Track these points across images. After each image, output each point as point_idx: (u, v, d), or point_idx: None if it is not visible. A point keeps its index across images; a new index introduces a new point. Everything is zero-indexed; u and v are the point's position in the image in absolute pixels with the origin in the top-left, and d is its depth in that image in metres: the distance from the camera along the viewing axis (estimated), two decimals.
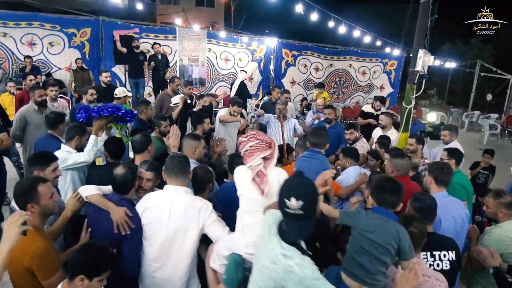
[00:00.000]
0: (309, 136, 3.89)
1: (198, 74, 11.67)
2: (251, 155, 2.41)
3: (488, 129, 12.55)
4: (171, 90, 6.59)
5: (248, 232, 2.44)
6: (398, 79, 14.56)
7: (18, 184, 2.44)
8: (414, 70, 5.44)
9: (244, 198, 2.49)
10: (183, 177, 2.78)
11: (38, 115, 5.06)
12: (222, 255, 2.57)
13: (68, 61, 10.14)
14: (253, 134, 2.52)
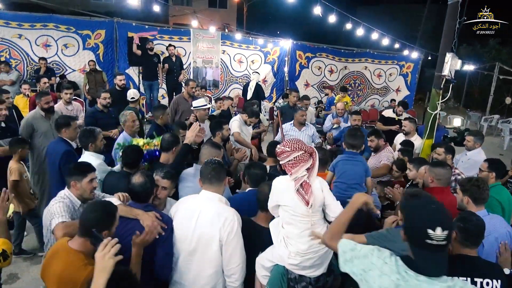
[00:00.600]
0: (346, 137, 3.82)
1: (212, 76, 11.53)
2: (295, 166, 2.40)
3: (509, 134, 12.19)
4: (186, 93, 6.45)
5: (291, 243, 2.43)
6: (414, 82, 14.27)
7: (97, 208, 2.24)
8: (440, 74, 5.22)
9: (286, 209, 2.45)
10: (218, 184, 2.70)
11: (45, 122, 4.87)
12: (265, 267, 2.57)
13: (82, 62, 10.08)
14: (295, 144, 2.46)
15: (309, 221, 2.41)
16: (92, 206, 2.28)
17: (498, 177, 3.85)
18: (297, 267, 2.45)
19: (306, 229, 2.42)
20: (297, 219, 2.43)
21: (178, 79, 9.79)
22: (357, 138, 3.79)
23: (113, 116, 5.47)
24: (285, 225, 2.49)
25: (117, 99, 6.24)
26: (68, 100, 5.72)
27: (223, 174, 2.75)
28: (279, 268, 2.48)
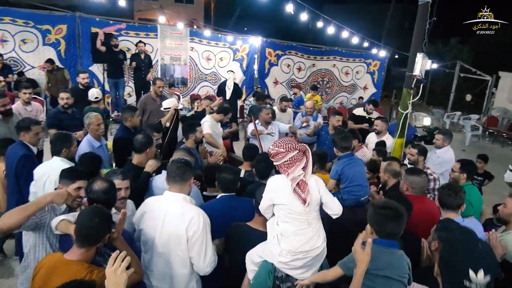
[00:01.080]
0: (338, 141, 3.79)
1: (181, 73, 11.25)
2: (291, 166, 2.40)
3: (470, 130, 12.65)
4: (154, 92, 6.21)
5: (285, 240, 2.41)
6: (381, 80, 14.53)
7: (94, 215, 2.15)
8: (411, 74, 5.27)
9: (282, 207, 2.43)
10: (182, 183, 2.66)
11: (2, 126, 4.56)
12: (254, 262, 2.57)
13: (42, 59, 9.53)
14: (289, 144, 2.44)
15: (306, 219, 2.39)
16: (88, 214, 2.17)
17: (469, 178, 3.92)
18: (286, 266, 2.43)
19: (302, 227, 2.40)
20: (293, 217, 2.41)
21: (146, 78, 9.49)
22: (349, 139, 3.80)
23: (77, 117, 5.18)
24: (281, 222, 2.47)
25: (80, 98, 5.94)
26: (27, 100, 5.37)
27: (189, 174, 2.70)
28: (267, 265, 2.47)
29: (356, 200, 3.68)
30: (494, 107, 15.37)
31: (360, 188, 3.68)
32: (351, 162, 3.74)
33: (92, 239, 2.13)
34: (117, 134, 4.59)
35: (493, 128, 13.23)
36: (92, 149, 4.19)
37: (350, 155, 3.81)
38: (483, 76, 15.79)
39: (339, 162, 3.82)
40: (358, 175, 3.70)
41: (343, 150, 3.79)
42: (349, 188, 3.69)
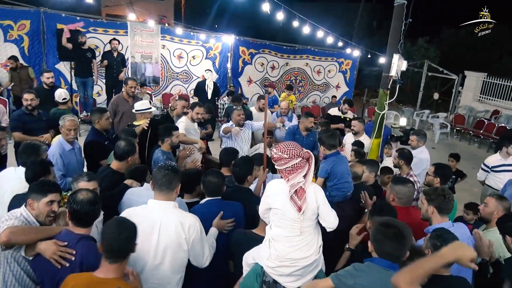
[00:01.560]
0: (326, 139, 3.75)
1: (152, 72, 10.95)
2: (292, 173, 2.34)
3: (439, 128, 12.98)
4: (125, 93, 5.95)
5: (275, 245, 2.38)
6: (353, 79, 14.70)
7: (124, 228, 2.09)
8: (388, 75, 5.30)
9: (276, 211, 2.40)
10: (169, 191, 2.56)
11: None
12: (248, 263, 2.56)
13: (4, 57, 9.03)
14: (293, 150, 2.36)
15: (298, 228, 2.34)
16: (117, 227, 2.07)
17: (443, 182, 3.93)
18: (273, 271, 2.38)
19: (294, 234, 2.36)
20: (286, 223, 2.37)
21: (119, 77, 9.16)
22: (336, 137, 3.80)
23: (44, 119, 4.89)
24: (274, 227, 2.44)
25: (46, 98, 5.63)
26: None
27: (176, 181, 2.59)
28: (256, 267, 2.45)
29: (344, 196, 3.71)
30: (461, 105, 15.85)
31: (347, 185, 3.71)
32: (338, 160, 3.74)
33: (123, 253, 2.06)
34: (88, 137, 4.35)
35: (460, 126, 13.62)
36: (63, 152, 3.99)
37: (337, 153, 3.80)
38: (449, 75, 16.24)
39: (327, 160, 3.80)
40: (346, 172, 3.72)
41: (330, 148, 3.77)
42: (338, 185, 3.70)
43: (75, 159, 4.09)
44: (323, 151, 3.89)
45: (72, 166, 4.03)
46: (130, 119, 5.66)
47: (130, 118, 5.68)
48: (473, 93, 15.62)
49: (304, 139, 5.66)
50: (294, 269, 2.35)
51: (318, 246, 2.44)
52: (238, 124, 5.44)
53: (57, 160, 3.91)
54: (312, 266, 2.40)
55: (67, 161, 4.00)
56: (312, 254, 2.38)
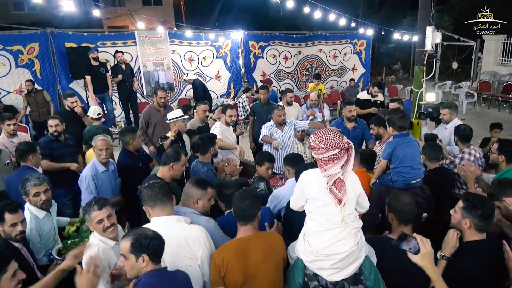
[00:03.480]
0: (396, 120, 3.56)
1: (165, 78, 10.74)
2: (328, 163, 2.21)
3: (465, 98, 12.49)
4: (156, 103, 5.79)
5: (309, 239, 2.30)
6: (369, 59, 14.27)
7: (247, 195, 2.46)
8: (423, 50, 4.96)
9: (313, 202, 2.28)
10: (170, 203, 2.49)
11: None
12: (291, 255, 2.49)
13: (17, 82, 8.97)
14: (331, 140, 2.19)
15: (340, 220, 2.23)
16: (240, 196, 2.44)
17: (509, 160, 3.57)
18: (312, 265, 2.29)
19: (334, 227, 2.23)
20: (323, 216, 2.25)
21: (133, 88, 8.98)
22: (406, 119, 3.62)
23: (71, 144, 4.71)
24: (309, 220, 2.34)
25: (70, 121, 5.45)
26: (12, 133, 4.86)
27: (170, 193, 2.54)
28: (297, 261, 2.39)
29: (406, 182, 3.47)
30: (483, 72, 15.26)
31: (410, 170, 3.45)
32: (404, 142, 3.51)
33: (249, 218, 2.42)
34: (120, 160, 4.11)
35: (487, 93, 13.09)
36: (96, 174, 3.80)
37: (405, 134, 3.57)
38: (467, 41, 15.64)
39: (391, 141, 3.60)
40: (410, 156, 3.46)
41: (400, 130, 3.57)
42: (399, 169, 3.48)
43: (109, 181, 3.89)
44: (392, 132, 3.66)
45: (105, 188, 3.85)
46: (163, 129, 5.48)
47: (163, 128, 5.51)
48: (494, 57, 15.01)
49: (350, 132, 5.31)
50: (332, 262, 2.23)
51: (358, 238, 2.29)
52: (279, 124, 5.14)
53: (89, 182, 3.75)
54: (351, 257, 2.25)
55: (100, 184, 3.82)
56: (351, 247, 2.24)
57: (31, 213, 3.08)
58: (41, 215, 3.13)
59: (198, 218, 2.60)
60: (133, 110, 9.19)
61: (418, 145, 3.62)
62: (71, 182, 4.56)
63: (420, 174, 3.48)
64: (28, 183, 3.07)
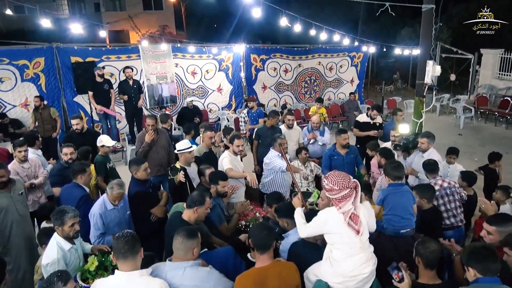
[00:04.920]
0: (390, 170, 3.82)
1: (169, 91, 10.89)
2: (342, 201, 2.62)
3: (463, 113, 12.67)
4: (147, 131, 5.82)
5: (337, 264, 2.65)
6: (363, 70, 14.58)
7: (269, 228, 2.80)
8: (422, 83, 5.14)
9: (337, 236, 2.66)
10: (133, 258, 2.52)
11: (4, 196, 4.10)
12: (310, 280, 2.81)
13: (23, 97, 9.12)
14: (343, 181, 2.61)
15: (360, 247, 2.65)
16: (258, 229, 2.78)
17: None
18: (338, 285, 2.67)
19: (355, 254, 2.64)
20: (346, 245, 2.64)
21: (138, 104, 9.11)
22: (401, 170, 3.84)
23: None
24: (334, 249, 2.69)
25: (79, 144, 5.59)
26: (23, 159, 4.98)
27: (138, 246, 2.57)
28: (321, 282, 2.70)
29: (395, 231, 3.60)
30: (480, 85, 15.49)
31: (399, 220, 3.59)
32: (397, 192, 3.70)
33: (267, 246, 2.67)
34: (131, 189, 4.27)
35: (484, 107, 13.29)
36: (105, 211, 3.94)
37: (399, 184, 3.77)
38: (465, 54, 15.86)
39: (385, 189, 3.81)
40: (401, 205, 3.62)
41: (394, 179, 3.80)
42: (389, 216, 3.65)
43: (118, 217, 4.03)
44: (387, 181, 3.86)
45: (113, 225, 3.98)
46: (157, 154, 5.76)
47: (157, 153, 5.77)
48: (491, 70, 15.24)
49: (344, 158, 5.49)
50: (357, 281, 2.65)
51: (374, 260, 2.75)
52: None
53: (97, 219, 3.89)
54: (370, 275, 2.71)
55: (108, 220, 3.96)
56: (371, 267, 2.70)
57: (58, 244, 3.21)
58: (67, 247, 3.26)
59: (200, 271, 2.64)
60: (137, 125, 9.33)
61: (411, 198, 3.74)
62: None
63: (410, 224, 3.59)
64: (67, 215, 3.22)
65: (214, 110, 11.96)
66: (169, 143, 6.02)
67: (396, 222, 3.59)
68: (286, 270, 2.69)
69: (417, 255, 2.74)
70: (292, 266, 2.74)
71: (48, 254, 3.18)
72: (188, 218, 3.31)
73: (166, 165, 5.86)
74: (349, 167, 5.43)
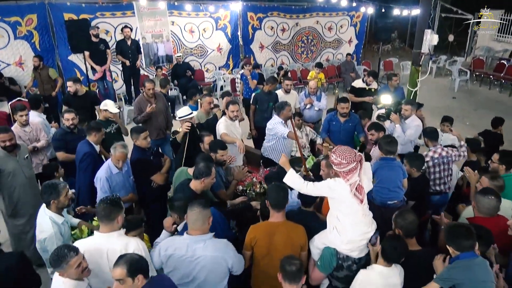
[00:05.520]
0: (383, 145, 4.01)
1: (164, 51, 10.77)
2: (349, 173, 2.79)
3: (458, 76, 12.70)
4: (145, 95, 5.85)
5: (344, 233, 2.88)
6: (363, 31, 14.34)
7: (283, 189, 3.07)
8: (419, 52, 5.18)
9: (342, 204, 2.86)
10: (111, 221, 2.80)
11: (11, 160, 4.23)
12: (318, 247, 3.04)
13: (17, 55, 9.00)
14: (349, 156, 2.76)
15: (363, 213, 2.90)
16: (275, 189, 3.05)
17: (508, 168, 3.97)
18: (346, 250, 2.93)
19: (360, 220, 2.89)
20: (353, 212, 2.86)
21: (136, 65, 9.05)
22: (394, 145, 4.02)
23: (83, 136, 4.96)
24: (342, 216, 2.89)
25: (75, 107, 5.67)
26: (24, 123, 5.06)
27: (115, 212, 2.81)
28: (329, 249, 2.95)
29: (382, 201, 3.85)
30: (478, 46, 15.39)
31: (387, 192, 3.85)
32: (387, 165, 3.91)
33: (282, 205, 3.00)
34: (133, 156, 4.40)
35: (479, 70, 13.30)
36: (110, 175, 4.07)
37: (390, 159, 3.96)
38: (464, 15, 15.61)
39: (377, 162, 4.03)
40: (389, 179, 3.85)
41: (387, 153, 3.99)
42: (377, 188, 3.85)
43: (122, 181, 4.18)
44: (380, 154, 4.06)
45: (118, 188, 4.14)
46: (156, 119, 5.82)
47: (156, 118, 5.82)
48: (490, 32, 15.07)
49: (341, 125, 5.61)
50: (361, 244, 2.93)
51: (374, 224, 2.99)
52: (287, 118, 5.21)
53: (103, 183, 4.03)
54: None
55: (114, 184, 4.11)
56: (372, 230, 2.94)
57: (51, 219, 3.28)
58: (60, 220, 3.35)
59: (218, 242, 2.85)
60: (134, 85, 9.32)
61: (400, 172, 3.93)
62: None
63: (397, 196, 3.83)
64: (59, 186, 3.33)
65: (211, 70, 11.89)
66: (166, 107, 6.10)
67: (384, 194, 3.85)
68: (295, 230, 3.02)
69: (396, 227, 2.98)
70: (301, 228, 3.05)
71: (42, 229, 3.26)
72: (195, 188, 3.50)
73: (164, 128, 5.98)
74: (345, 134, 5.60)
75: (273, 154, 5.41)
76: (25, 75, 9.06)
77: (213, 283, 2.83)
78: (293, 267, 2.54)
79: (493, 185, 3.42)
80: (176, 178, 4.07)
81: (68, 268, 2.53)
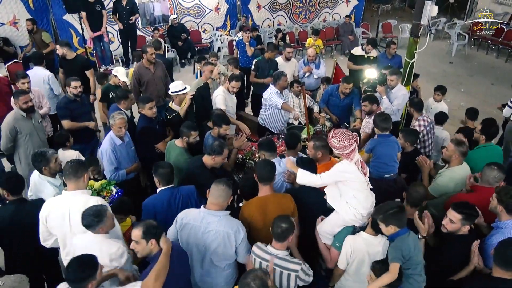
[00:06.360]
0: (379, 122, 4.14)
1: (161, 10, 10.56)
2: (351, 154, 3.03)
3: (456, 40, 12.63)
4: (146, 61, 5.84)
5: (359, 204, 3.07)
6: None
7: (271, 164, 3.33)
8: (418, 23, 5.18)
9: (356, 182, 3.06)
10: (76, 180, 3.08)
11: (27, 123, 4.50)
12: (333, 232, 3.20)
13: (10, 14, 8.84)
14: (350, 138, 2.99)
15: (368, 185, 3.16)
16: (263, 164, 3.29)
17: (488, 140, 4.23)
18: (360, 221, 3.13)
19: (367, 192, 3.15)
20: (362, 186, 3.10)
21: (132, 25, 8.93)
22: (389, 121, 4.15)
23: (86, 103, 5.06)
24: (357, 192, 3.07)
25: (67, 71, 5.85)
26: (26, 90, 5.10)
27: (81, 171, 3.11)
28: (347, 228, 3.14)
29: (379, 175, 4.05)
30: (478, 8, 15.15)
31: (384, 167, 4.05)
32: (384, 142, 4.09)
33: (269, 179, 3.21)
34: (139, 124, 4.52)
35: (478, 35, 13.18)
36: (114, 147, 4.18)
37: (387, 135, 4.13)
38: None
39: (374, 139, 4.21)
40: (386, 154, 4.04)
41: (382, 130, 4.14)
42: (375, 163, 4.08)
43: (126, 152, 4.32)
44: (376, 131, 4.23)
45: (123, 158, 4.29)
46: (155, 87, 5.89)
47: (155, 86, 5.91)
48: None
49: (340, 102, 5.73)
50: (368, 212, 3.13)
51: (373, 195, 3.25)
52: (283, 88, 5.39)
53: (110, 155, 4.14)
54: None
55: (119, 155, 4.24)
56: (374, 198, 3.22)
57: (49, 183, 3.60)
58: (58, 183, 3.65)
59: (233, 221, 3.01)
60: (131, 46, 9.24)
61: (396, 147, 4.14)
62: (89, 138, 5.21)
63: (393, 170, 4.05)
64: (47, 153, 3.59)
65: (208, 30, 11.72)
66: (165, 74, 6.13)
67: (381, 168, 4.05)
68: (284, 199, 3.27)
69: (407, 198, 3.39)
70: (288, 196, 3.30)
71: (41, 190, 3.62)
72: (206, 162, 3.75)
73: (164, 95, 6.05)
74: (342, 109, 5.80)
75: (270, 123, 5.53)
76: (20, 35, 8.93)
77: (222, 257, 3.00)
78: (279, 229, 2.76)
79: (458, 150, 3.77)
80: (167, 150, 4.31)
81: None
